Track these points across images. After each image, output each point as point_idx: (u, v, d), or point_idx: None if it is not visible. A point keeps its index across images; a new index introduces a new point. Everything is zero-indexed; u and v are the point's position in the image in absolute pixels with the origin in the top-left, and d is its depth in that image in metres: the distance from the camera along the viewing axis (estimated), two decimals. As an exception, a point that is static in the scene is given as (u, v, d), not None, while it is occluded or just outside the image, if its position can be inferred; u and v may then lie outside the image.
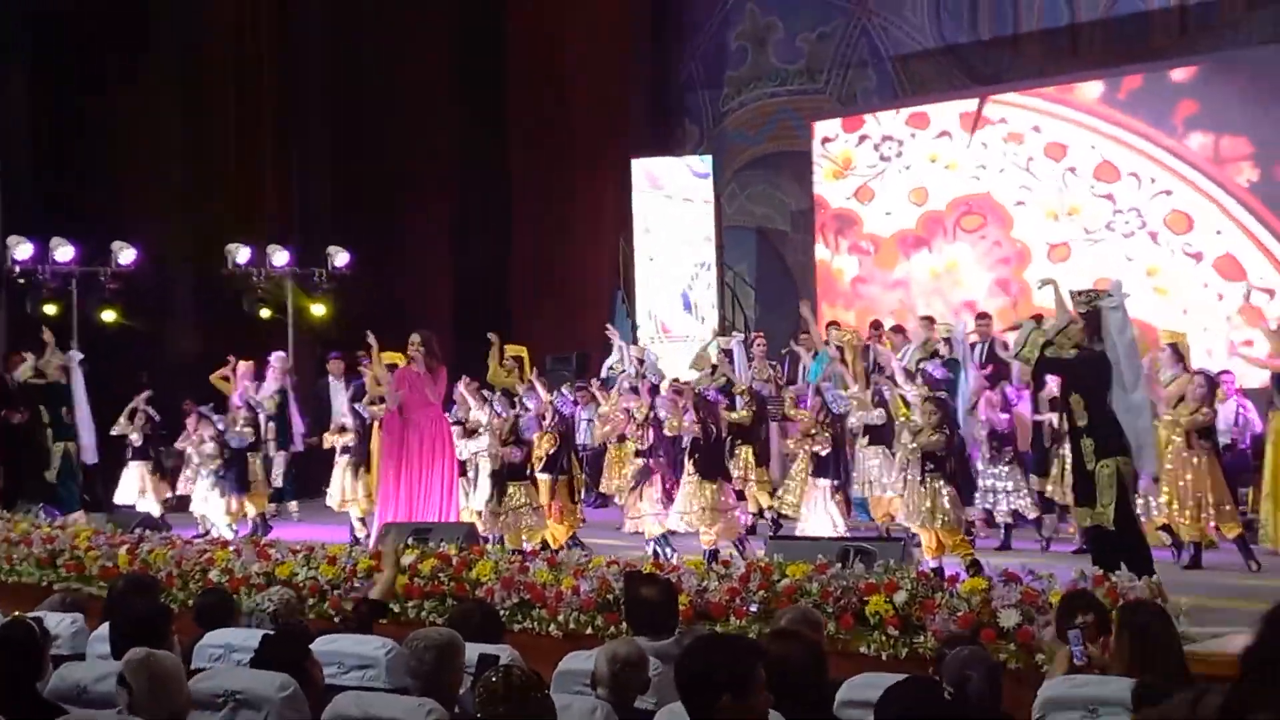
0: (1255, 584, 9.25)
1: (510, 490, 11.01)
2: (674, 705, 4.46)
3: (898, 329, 13.62)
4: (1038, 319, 9.25)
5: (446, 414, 11.37)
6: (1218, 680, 5.45)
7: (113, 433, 13.59)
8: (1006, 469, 11.04)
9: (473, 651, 5.23)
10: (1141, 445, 8.52)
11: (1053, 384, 11.02)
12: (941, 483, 9.58)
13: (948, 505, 9.55)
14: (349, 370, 13.55)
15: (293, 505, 14.07)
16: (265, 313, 16.61)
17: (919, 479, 9.64)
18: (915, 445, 9.62)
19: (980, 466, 11.14)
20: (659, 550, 10.42)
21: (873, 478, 11.28)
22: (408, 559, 8.92)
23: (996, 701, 4.80)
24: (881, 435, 11.32)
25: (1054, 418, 10.62)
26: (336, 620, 8.53)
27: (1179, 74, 15.06)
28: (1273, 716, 2.58)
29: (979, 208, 16.15)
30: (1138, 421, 8.49)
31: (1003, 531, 11.18)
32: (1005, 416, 11.18)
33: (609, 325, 14.15)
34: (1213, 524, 10.11)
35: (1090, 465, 8.43)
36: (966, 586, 7.43)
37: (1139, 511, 9.55)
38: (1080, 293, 8.84)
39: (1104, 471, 8.40)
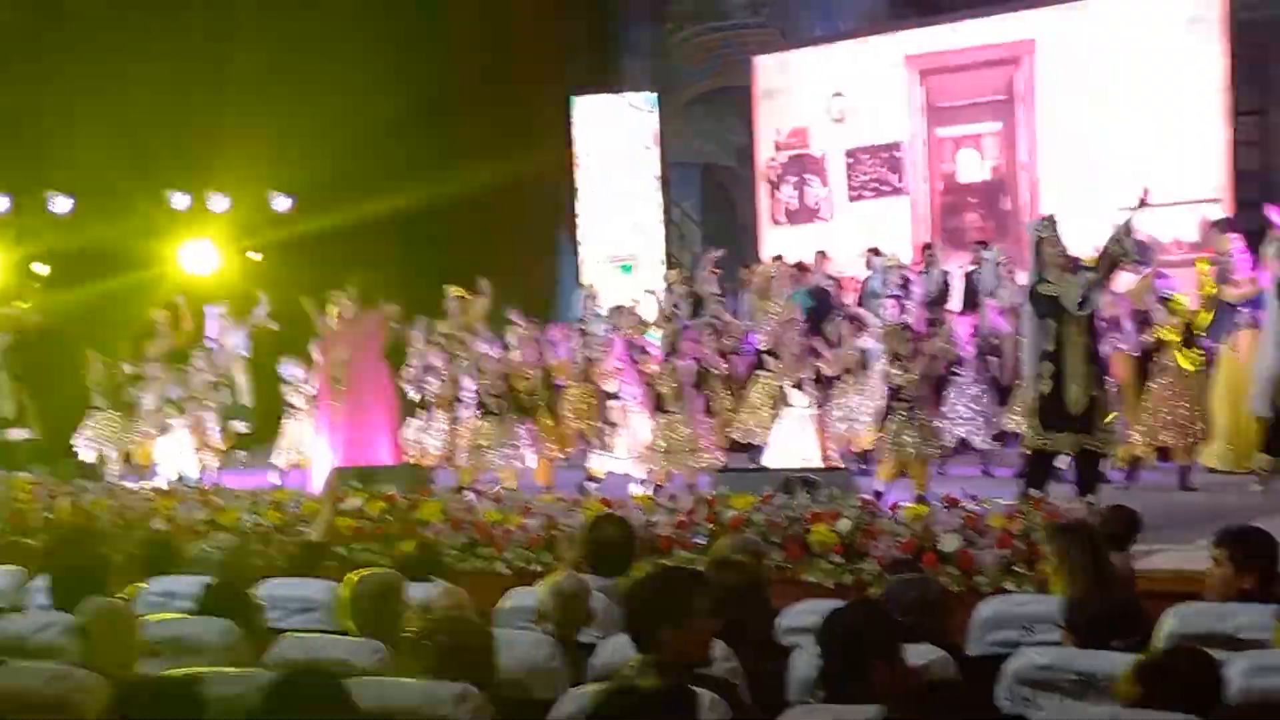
0: (1192, 502, 9.40)
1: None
2: (619, 637, 4.50)
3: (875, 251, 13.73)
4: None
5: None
6: (1153, 598, 5.56)
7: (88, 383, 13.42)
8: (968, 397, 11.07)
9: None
10: None
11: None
12: (907, 415, 9.61)
13: (908, 439, 9.59)
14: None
15: (241, 453, 13.98)
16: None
17: (889, 411, 9.69)
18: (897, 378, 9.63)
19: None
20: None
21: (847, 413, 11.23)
22: (355, 502, 8.92)
23: (941, 624, 4.86)
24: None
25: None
26: (282, 565, 8.55)
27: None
28: None
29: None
30: None
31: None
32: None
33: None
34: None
35: (1094, 391, 8.50)
36: (909, 513, 7.51)
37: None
38: (1045, 219, 8.88)
39: (1102, 398, 8.58)
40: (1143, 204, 8.93)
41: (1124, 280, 9.85)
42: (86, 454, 13.00)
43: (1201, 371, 10.11)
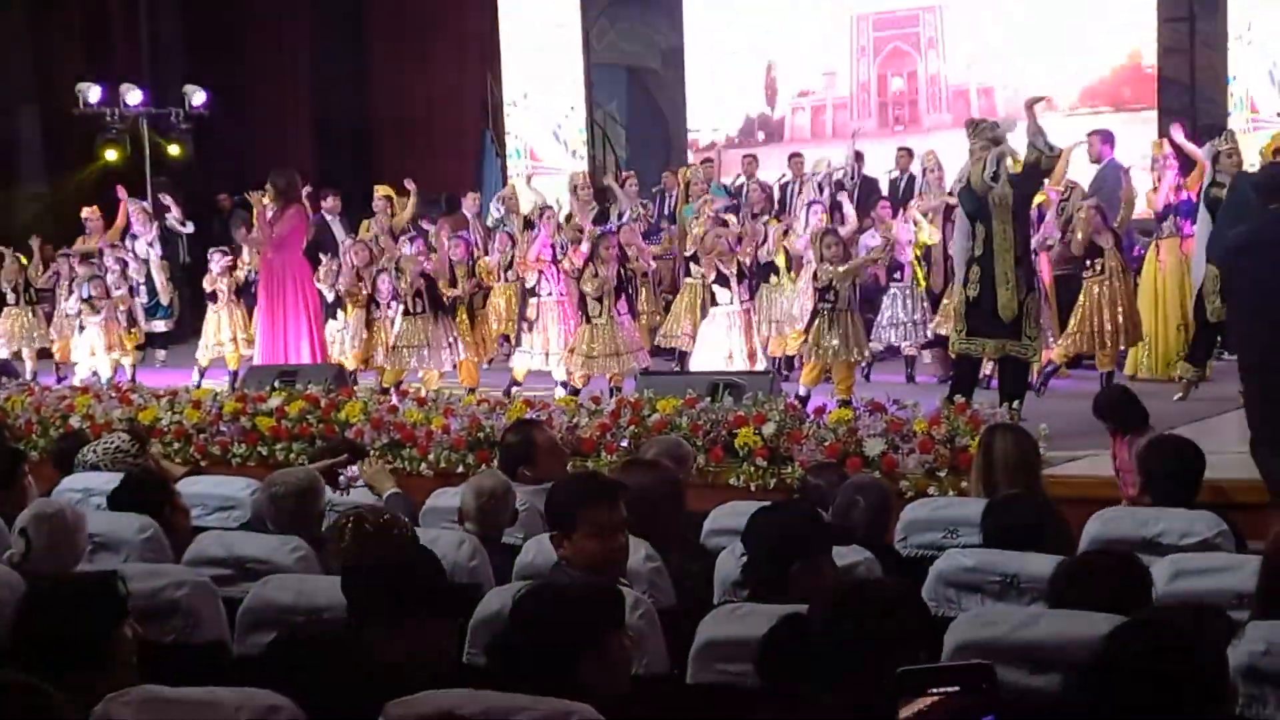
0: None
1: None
2: (541, 536, 4.47)
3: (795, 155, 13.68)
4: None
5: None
6: (1071, 503, 5.62)
7: None
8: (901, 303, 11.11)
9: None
10: None
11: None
12: (830, 318, 9.60)
13: (831, 343, 9.59)
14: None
15: (160, 352, 13.78)
16: (111, 154, 16.02)
17: (814, 315, 9.69)
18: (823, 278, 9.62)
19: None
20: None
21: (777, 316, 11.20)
22: (274, 401, 8.83)
23: (883, 527, 4.88)
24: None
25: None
26: (203, 464, 8.47)
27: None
28: None
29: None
30: None
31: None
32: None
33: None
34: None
35: (1021, 296, 8.46)
36: (834, 417, 7.57)
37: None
38: (979, 122, 8.79)
39: (1031, 306, 8.53)
40: (1039, 100, 8.92)
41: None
42: (2, 351, 12.76)
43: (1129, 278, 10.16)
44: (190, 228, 14.68)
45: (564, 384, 10.43)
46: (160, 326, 13.70)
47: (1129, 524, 4.62)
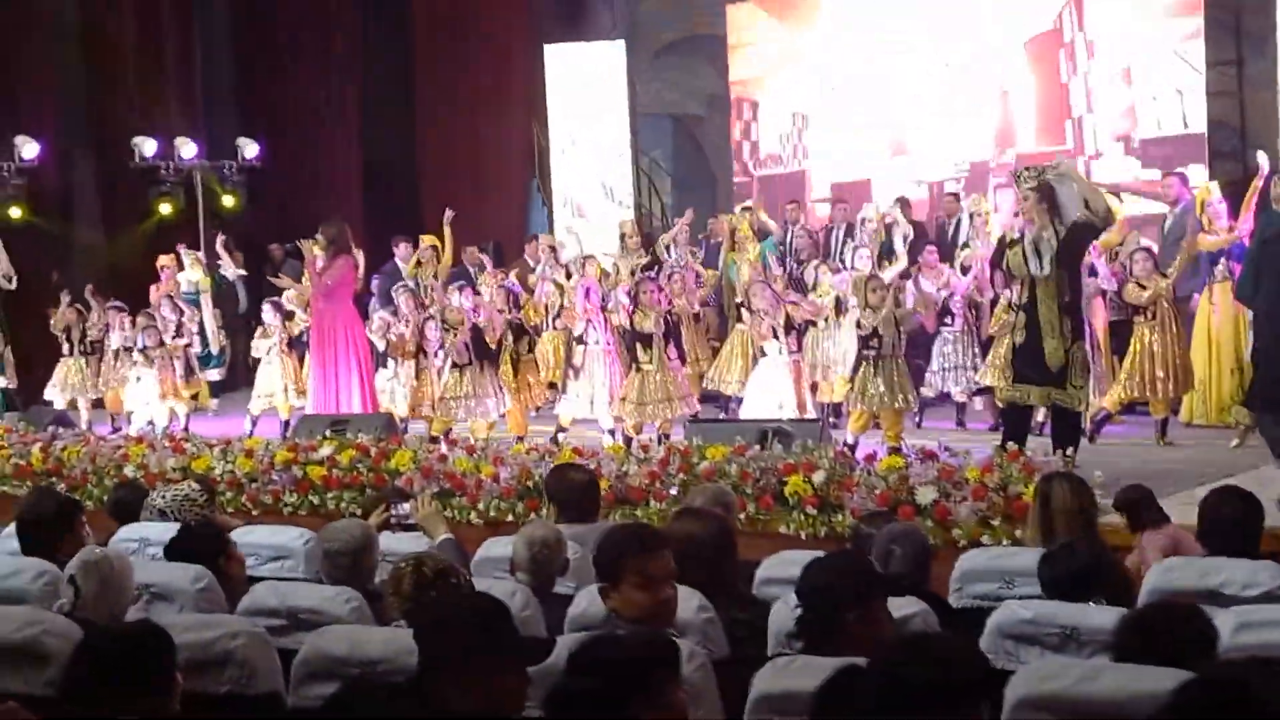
0: (1167, 456, 9.41)
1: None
2: (592, 587, 4.46)
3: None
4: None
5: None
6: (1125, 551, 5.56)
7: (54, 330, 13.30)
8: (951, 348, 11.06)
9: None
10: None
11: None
12: (874, 365, 9.56)
13: (876, 389, 9.54)
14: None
15: (212, 402, 13.89)
16: (166, 208, 16.23)
17: (858, 362, 9.66)
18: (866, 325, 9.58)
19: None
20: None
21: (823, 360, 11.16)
22: (326, 450, 8.88)
23: (924, 575, 4.83)
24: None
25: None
26: (254, 513, 8.51)
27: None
28: None
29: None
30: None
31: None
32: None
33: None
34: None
35: (1067, 345, 8.37)
36: (884, 465, 7.52)
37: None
38: (1025, 169, 8.68)
39: (1079, 354, 8.41)
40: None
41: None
42: (58, 401, 12.90)
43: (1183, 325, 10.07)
44: (240, 272, 14.81)
45: (610, 431, 10.44)
46: (213, 375, 13.82)
47: (1191, 575, 4.56)
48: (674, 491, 7.70)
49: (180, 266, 13.87)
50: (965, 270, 11.22)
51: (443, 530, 5.61)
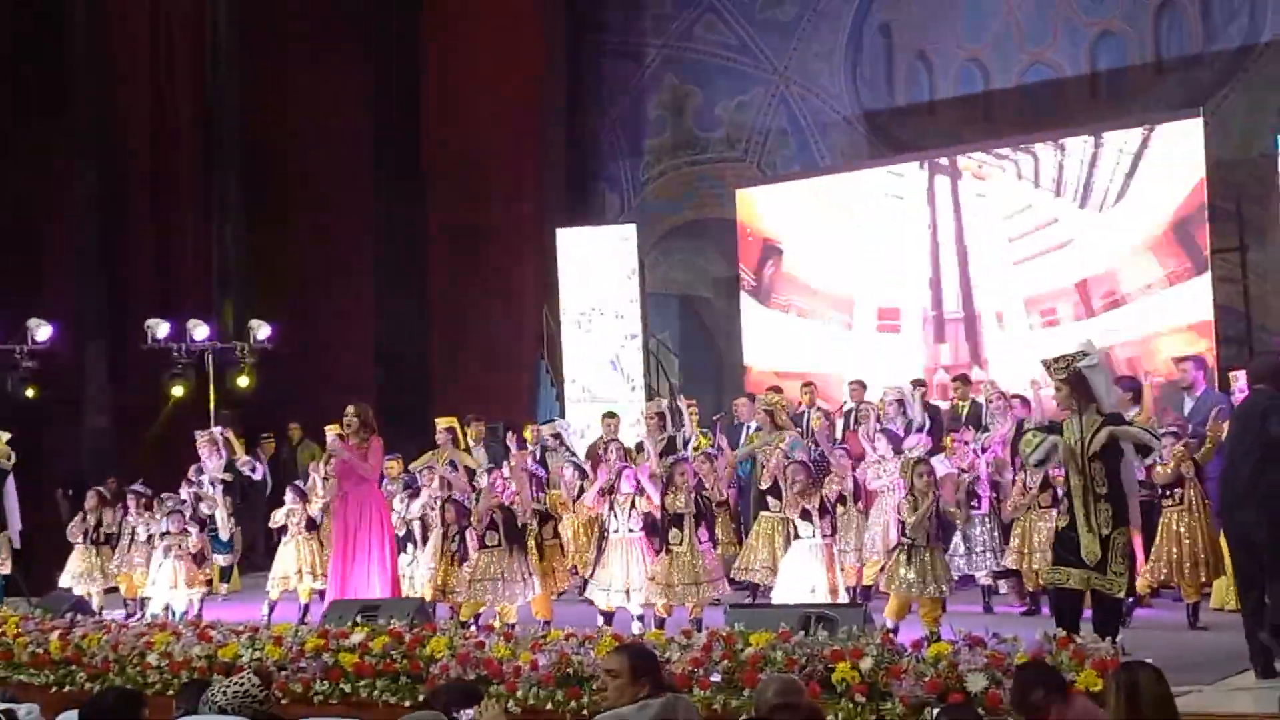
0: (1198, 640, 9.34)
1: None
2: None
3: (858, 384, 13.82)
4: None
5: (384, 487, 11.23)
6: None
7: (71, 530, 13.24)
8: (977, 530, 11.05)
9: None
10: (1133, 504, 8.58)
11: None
12: (907, 553, 9.52)
13: (908, 577, 9.48)
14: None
15: (222, 587, 13.76)
16: (178, 390, 16.29)
17: (899, 545, 9.62)
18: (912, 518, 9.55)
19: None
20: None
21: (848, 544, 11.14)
22: (357, 637, 8.75)
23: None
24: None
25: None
26: (284, 702, 8.34)
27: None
28: None
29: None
30: (1129, 482, 8.53)
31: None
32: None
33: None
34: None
35: (1106, 531, 8.28)
36: (932, 651, 7.41)
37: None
38: (1054, 360, 8.62)
39: (1120, 540, 8.34)
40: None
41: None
42: (76, 588, 12.75)
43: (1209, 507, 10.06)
44: (260, 473, 14.69)
45: (639, 618, 10.34)
46: (221, 561, 13.69)
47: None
48: (716, 678, 7.59)
49: (231, 450, 13.73)
50: (984, 451, 11.30)
51: None
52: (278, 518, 12.26)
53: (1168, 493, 9.94)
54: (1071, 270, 15.03)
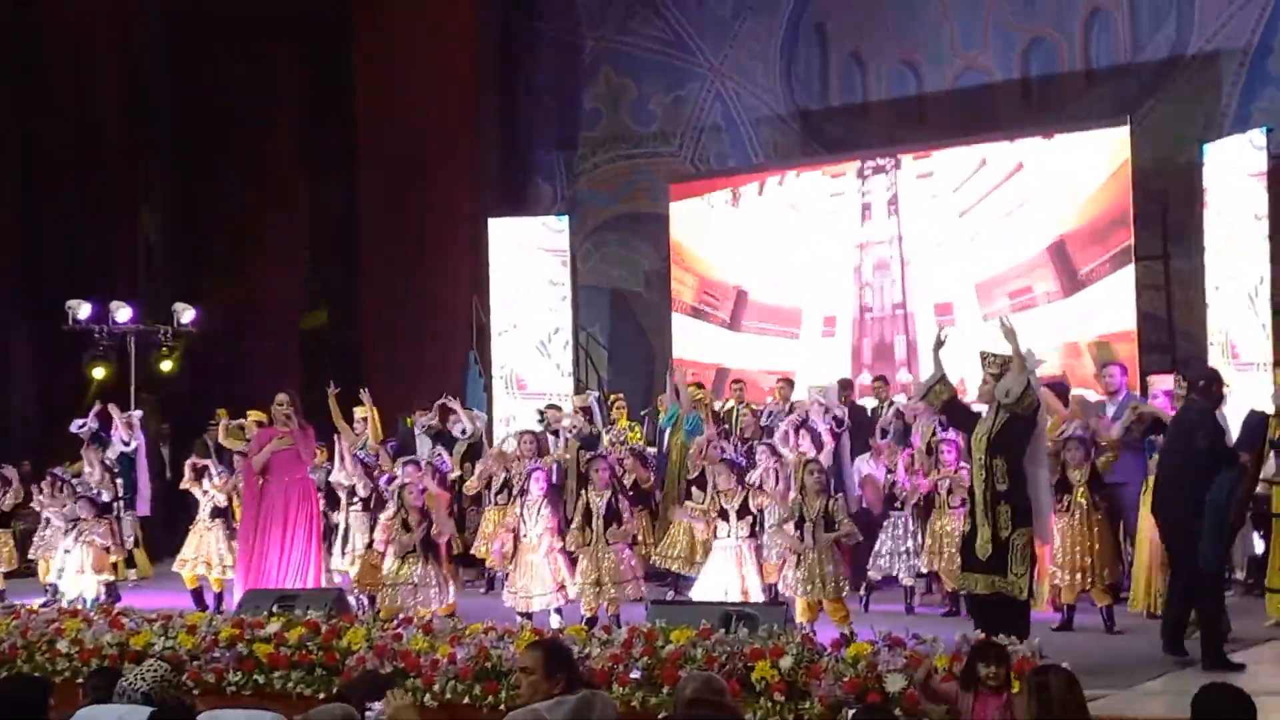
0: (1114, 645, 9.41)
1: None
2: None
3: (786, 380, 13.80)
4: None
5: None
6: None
7: None
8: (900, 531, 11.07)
9: None
10: (1043, 512, 8.60)
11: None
12: (801, 556, 9.53)
13: (796, 577, 9.51)
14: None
15: (131, 572, 13.55)
16: (99, 372, 16.03)
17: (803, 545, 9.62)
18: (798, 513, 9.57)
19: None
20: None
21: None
22: (273, 626, 8.63)
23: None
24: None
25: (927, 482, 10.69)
26: (196, 693, 8.21)
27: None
28: None
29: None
30: (1040, 490, 8.56)
31: (863, 592, 11.14)
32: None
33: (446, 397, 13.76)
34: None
35: (1005, 533, 8.34)
36: (852, 651, 7.42)
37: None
38: (994, 354, 8.66)
39: (1019, 540, 8.39)
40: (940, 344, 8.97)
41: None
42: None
43: (1104, 513, 10.14)
44: (132, 446, 14.32)
45: (558, 610, 10.27)
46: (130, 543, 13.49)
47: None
48: (636, 675, 7.56)
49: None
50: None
51: None
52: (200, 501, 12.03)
53: (1057, 498, 9.88)
54: (988, 273, 15.10)
